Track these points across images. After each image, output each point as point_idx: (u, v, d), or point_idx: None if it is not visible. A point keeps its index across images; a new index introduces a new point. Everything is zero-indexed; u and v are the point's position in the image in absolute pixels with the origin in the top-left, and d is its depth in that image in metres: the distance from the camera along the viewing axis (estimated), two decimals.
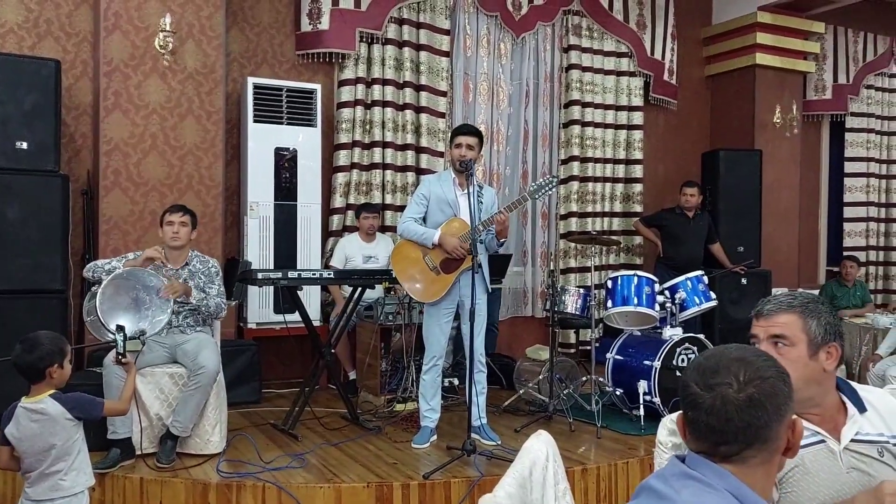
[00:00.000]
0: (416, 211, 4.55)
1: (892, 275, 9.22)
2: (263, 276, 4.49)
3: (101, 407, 3.16)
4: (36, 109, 4.77)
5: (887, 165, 9.19)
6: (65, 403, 3.01)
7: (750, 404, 1.33)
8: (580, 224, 7.34)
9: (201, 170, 5.48)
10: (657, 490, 1.33)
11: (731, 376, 1.35)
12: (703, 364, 1.40)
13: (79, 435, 3.08)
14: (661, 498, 1.31)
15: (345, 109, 6.29)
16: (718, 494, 1.28)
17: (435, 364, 4.56)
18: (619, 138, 7.59)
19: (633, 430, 4.85)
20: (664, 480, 1.34)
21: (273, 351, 6.03)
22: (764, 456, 1.34)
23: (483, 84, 6.97)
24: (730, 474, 1.32)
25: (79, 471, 3.06)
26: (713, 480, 1.30)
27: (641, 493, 1.37)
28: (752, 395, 1.33)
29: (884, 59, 9.00)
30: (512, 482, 1.63)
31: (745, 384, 1.34)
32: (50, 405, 2.98)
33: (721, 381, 1.35)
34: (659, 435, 2.06)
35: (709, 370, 1.38)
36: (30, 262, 4.64)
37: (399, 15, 6.45)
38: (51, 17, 5.45)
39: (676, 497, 1.29)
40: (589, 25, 7.36)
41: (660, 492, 1.32)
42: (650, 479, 1.37)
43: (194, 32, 5.44)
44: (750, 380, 1.35)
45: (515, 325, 7.21)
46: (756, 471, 1.34)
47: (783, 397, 1.36)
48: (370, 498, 3.77)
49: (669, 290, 5.31)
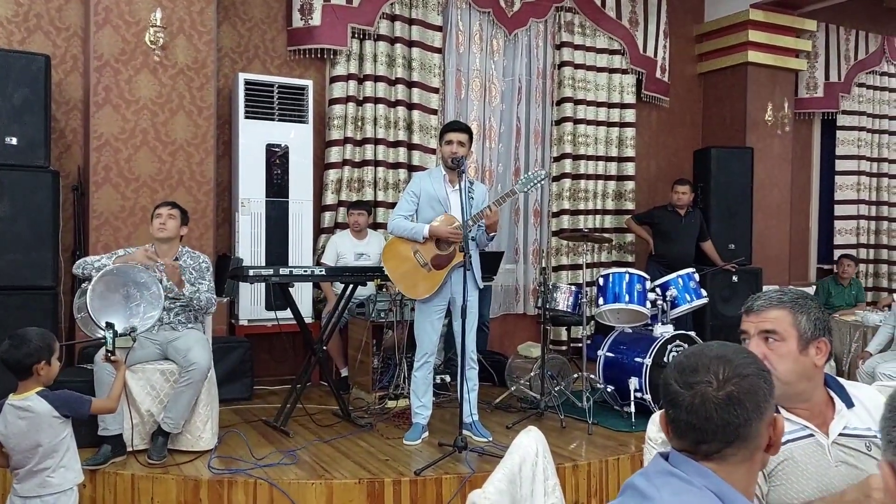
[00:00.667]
0: (406, 208, 4.54)
1: (881, 272, 9.26)
2: (255, 273, 4.48)
3: (88, 405, 3.14)
4: (25, 104, 4.75)
5: (878, 164, 9.22)
6: (52, 401, 2.99)
7: (729, 402, 1.32)
8: (572, 221, 7.34)
9: (192, 166, 5.46)
10: (640, 488, 1.33)
11: (711, 374, 1.34)
12: (683, 362, 1.39)
13: (67, 432, 3.07)
14: (643, 497, 1.31)
15: (337, 106, 6.28)
16: (699, 492, 1.28)
17: (426, 361, 4.56)
18: (611, 135, 7.60)
19: (624, 427, 4.86)
20: (647, 478, 1.34)
21: (265, 348, 6.02)
22: (745, 454, 1.34)
23: (475, 81, 6.97)
24: (711, 472, 1.31)
25: (67, 468, 3.05)
26: (694, 478, 1.30)
27: (626, 490, 1.37)
28: (731, 392, 1.33)
29: (875, 58, 9.03)
30: (502, 478, 1.63)
31: (725, 382, 1.34)
32: (36, 403, 2.97)
33: (700, 379, 1.35)
34: (649, 431, 2.08)
35: (688, 368, 1.37)
36: (20, 258, 4.62)
37: (391, 11, 6.43)
38: (41, 12, 5.42)
39: (657, 495, 1.29)
40: (581, 22, 7.37)
41: (642, 490, 1.32)
42: (635, 477, 1.37)
43: (185, 27, 5.42)
44: (729, 378, 1.34)
45: (507, 322, 7.22)
46: (737, 468, 1.34)
47: (763, 395, 1.35)
48: (362, 494, 3.77)
49: (661, 287, 5.32)
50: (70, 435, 3.09)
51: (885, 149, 9.24)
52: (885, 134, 9.24)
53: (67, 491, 3.04)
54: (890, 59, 9.18)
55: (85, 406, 3.12)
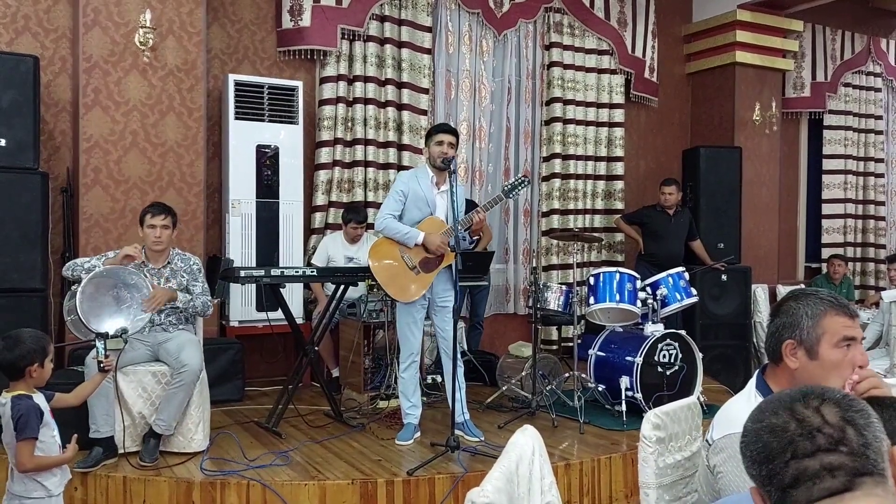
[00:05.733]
0: (394, 207, 4.52)
1: (868, 271, 9.33)
2: (246, 274, 4.47)
3: (34, 433, 2.95)
4: (14, 106, 4.72)
5: (864, 163, 9.29)
6: (14, 412, 2.93)
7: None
8: (562, 221, 7.36)
9: (182, 167, 5.44)
10: None
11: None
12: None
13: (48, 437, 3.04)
14: None
15: (326, 107, 6.27)
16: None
17: (413, 361, 4.57)
18: (600, 136, 7.62)
19: (616, 426, 4.88)
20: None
21: (256, 349, 6.01)
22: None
23: (465, 81, 6.98)
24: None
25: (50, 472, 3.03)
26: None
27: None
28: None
29: (861, 57, 9.10)
30: (499, 476, 1.64)
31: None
32: (8, 407, 2.95)
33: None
34: (643, 430, 2.09)
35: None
36: (9, 260, 4.60)
37: (381, 12, 6.44)
38: (29, 13, 5.39)
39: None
40: (570, 23, 7.39)
41: None
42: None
43: (175, 29, 5.40)
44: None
45: (498, 321, 7.23)
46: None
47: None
48: (354, 495, 3.77)
49: (651, 286, 5.34)
50: (55, 440, 3.06)
51: (872, 148, 9.30)
52: (872, 133, 9.30)
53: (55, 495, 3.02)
54: (876, 58, 9.25)
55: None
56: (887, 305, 5.77)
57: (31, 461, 2.94)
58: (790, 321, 1.93)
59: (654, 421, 2.17)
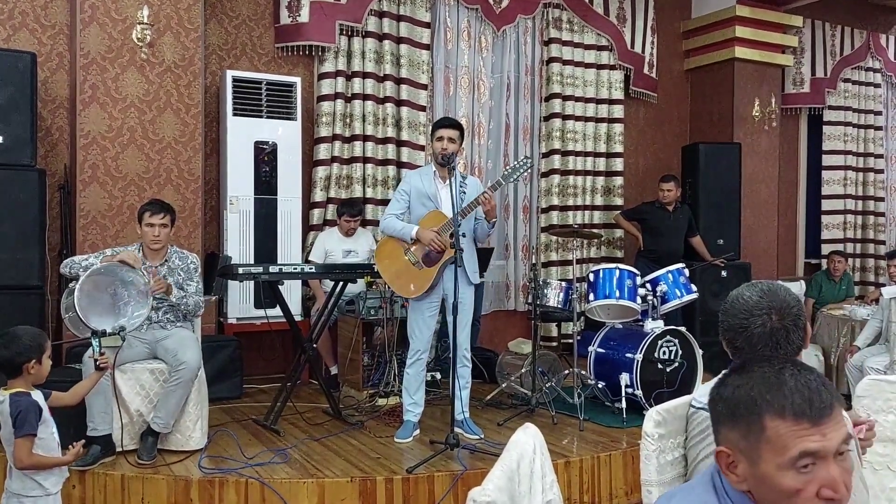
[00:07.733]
0: (397, 207, 4.55)
1: (868, 267, 9.32)
2: (244, 271, 4.45)
3: (32, 432, 2.94)
4: (11, 103, 4.70)
5: (864, 158, 9.27)
6: (13, 409, 2.91)
7: None
8: (561, 217, 7.35)
9: (180, 164, 5.42)
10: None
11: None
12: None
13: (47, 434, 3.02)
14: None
15: (325, 103, 6.25)
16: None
17: (419, 358, 4.55)
18: (599, 132, 7.61)
19: (616, 423, 4.87)
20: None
21: (254, 346, 5.99)
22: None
23: (464, 77, 6.96)
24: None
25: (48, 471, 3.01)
26: None
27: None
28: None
29: (860, 53, 9.08)
30: (500, 475, 1.62)
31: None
32: (6, 404, 2.93)
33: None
34: (645, 427, 2.07)
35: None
36: (6, 257, 4.58)
37: (379, 8, 6.41)
38: (26, 9, 5.37)
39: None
40: (569, 19, 7.37)
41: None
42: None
43: (172, 25, 5.38)
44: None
45: (498, 318, 7.22)
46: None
47: None
48: (353, 492, 3.76)
49: (651, 283, 5.32)
50: (53, 437, 3.04)
51: (871, 144, 9.29)
52: (871, 129, 9.29)
53: (53, 494, 3.01)
54: (875, 54, 9.23)
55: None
56: (887, 302, 5.75)
57: (29, 458, 2.92)
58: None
59: (655, 418, 2.15)
